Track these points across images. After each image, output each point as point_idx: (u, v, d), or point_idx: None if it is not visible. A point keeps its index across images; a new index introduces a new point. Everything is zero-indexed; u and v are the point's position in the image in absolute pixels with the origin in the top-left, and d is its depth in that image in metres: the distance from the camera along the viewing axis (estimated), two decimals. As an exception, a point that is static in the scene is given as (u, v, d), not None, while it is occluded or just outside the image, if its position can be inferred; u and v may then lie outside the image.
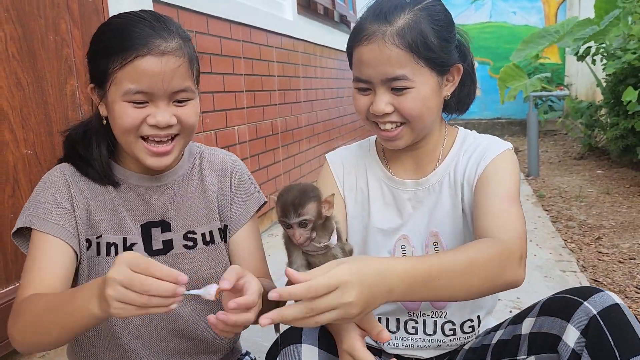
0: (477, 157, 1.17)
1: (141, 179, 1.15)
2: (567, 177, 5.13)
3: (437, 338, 1.22)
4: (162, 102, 1.03)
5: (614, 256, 2.86)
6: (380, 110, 1.10)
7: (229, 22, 3.05)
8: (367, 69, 1.08)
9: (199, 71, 1.12)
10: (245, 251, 1.22)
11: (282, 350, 1.00)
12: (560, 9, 9.14)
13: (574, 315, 0.98)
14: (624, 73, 4.65)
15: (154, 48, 1.00)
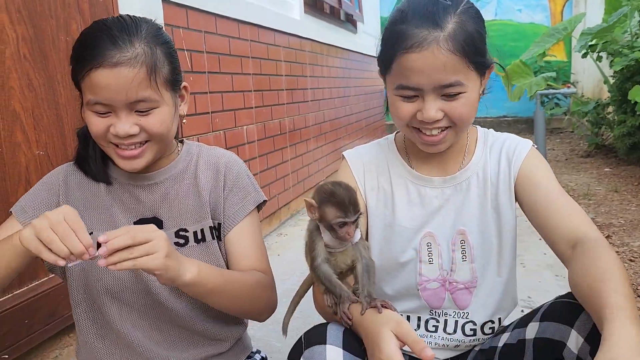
0: (508, 156, 1.19)
1: (132, 177, 1.17)
2: (574, 175, 5.11)
3: (457, 337, 1.22)
4: (122, 113, 1.05)
5: (625, 255, 2.84)
6: (432, 117, 1.07)
7: (237, 21, 3.05)
8: (418, 76, 1.04)
9: (173, 74, 1.10)
10: (241, 249, 1.21)
11: (305, 350, 1.00)
12: (566, 6, 9.10)
13: (577, 321, 0.97)
14: (631, 70, 4.63)
15: (106, 59, 1.00)
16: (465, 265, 1.19)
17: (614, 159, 5.57)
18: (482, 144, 1.23)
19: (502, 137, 1.24)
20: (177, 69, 1.12)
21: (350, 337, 1.02)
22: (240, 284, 1.14)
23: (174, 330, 1.19)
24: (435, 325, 1.22)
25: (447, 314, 1.21)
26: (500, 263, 1.20)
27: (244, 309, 1.19)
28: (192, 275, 1.01)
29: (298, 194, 4.08)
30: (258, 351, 1.39)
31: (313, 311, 2.32)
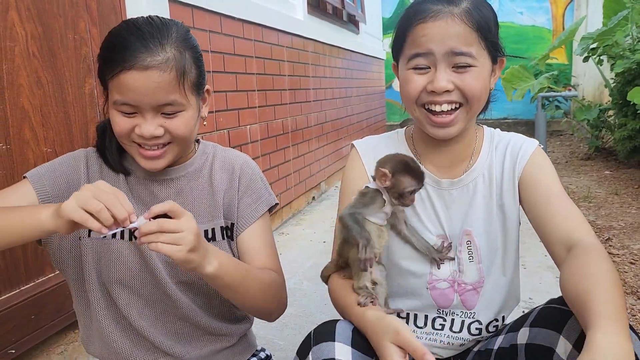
0: (513, 155, 1.20)
1: (149, 172, 1.18)
2: (574, 177, 5.13)
3: (462, 336, 1.23)
4: (149, 114, 1.06)
5: (625, 257, 2.86)
6: (442, 87, 1.08)
7: (241, 21, 3.06)
8: (431, 42, 1.07)
9: (199, 78, 1.12)
10: (253, 249, 1.23)
11: (314, 347, 1.00)
12: (567, 9, 9.13)
13: (565, 327, 0.98)
14: (632, 74, 4.65)
15: (137, 62, 1.01)
16: (472, 266, 1.20)
17: (614, 162, 5.59)
18: (488, 143, 1.24)
19: (507, 136, 1.26)
20: (202, 73, 1.13)
21: (359, 335, 1.03)
22: (256, 281, 1.15)
23: (178, 324, 1.21)
24: (442, 324, 1.23)
25: (455, 314, 1.22)
26: (505, 262, 1.22)
27: (257, 306, 1.20)
28: (213, 268, 1.02)
29: (300, 193, 4.09)
30: (263, 349, 1.41)
31: (316, 309, 2.35)
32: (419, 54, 1.09)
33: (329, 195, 4.76)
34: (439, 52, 1.07)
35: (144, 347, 1.20)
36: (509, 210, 1.20)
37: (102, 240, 1.16)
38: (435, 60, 1.08)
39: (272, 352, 1.56)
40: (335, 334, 1.00)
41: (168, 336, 1.20)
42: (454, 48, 1.07)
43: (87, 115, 1.90)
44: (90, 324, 1.22)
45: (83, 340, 1.26)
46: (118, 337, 1.19)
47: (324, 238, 3.41)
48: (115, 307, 1.19)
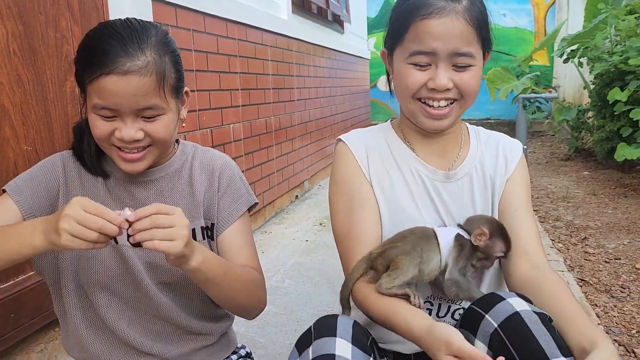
0: (505, 154, 1.25)
1: (128, 173, 1.18)
2: (554, 177, 5.21)
3: (446, 320, 1.24)
4: (129, 118, 1.06)
5: (600, 256, 2.93)
6: (443, 85, 1.10)
7: (225, 20, 3.07)
8: (435, 41, 1.08)
9: (178, 82, 1.12)
10: (233, 248, 1.24)
11: (315, 340, 1.00)
12: (549, 11, 9.25)
13: (479, 329, 1.00)
14: (610, 76, 4.74)
15: (117, 67, 1.01)
16: None
17: (593, 163, 5.69)
18: (475, 138, 1.29)
19: (494, 134, 1.30)
20: (182, 76, 1.14)
21: (359, 332, 1.03)
22: (238, 278, 1.17)
23: (159, 324, 1.22)
24: (429, 308, 1.24)
25: (442, 299, 1.23)
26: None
27: (238, 303, 1.21)
28: (197, 262, 1.03)
29: (283, 192, 4.11)
30: (243, 346, 1.42)
31: (297, 308, 2.37)
32: (422, 52, 1.10)
33: (312, 194, 4.78)
34: (442, 51, 1.09)
35: (122, 349, 1.20)
36: (497, 204, 1.24)
37: None
38: (438, 59, 1.10)
39: (253, 349, 1.57)
40: (336, 329, 1.00)
41: (148, 336, 1.21)
42: (457, 49, 1.09)
43: (69, 113, 1.90)
44: (67, 328, 1.22)
45: (63, 342, 1.26)
46: (95, 341, 1.19)
47: (307, 237, 3.44)
48: (92, 311, 1.19)
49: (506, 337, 0.95)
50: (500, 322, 0.97)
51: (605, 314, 2.24)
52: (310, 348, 0.99)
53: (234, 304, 1.21)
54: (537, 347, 0.92)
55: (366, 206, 1.21)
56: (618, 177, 4.87)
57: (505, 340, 0.95)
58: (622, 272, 2.69)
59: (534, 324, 0.95)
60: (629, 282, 2.56)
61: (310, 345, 1.00)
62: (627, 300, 2.36)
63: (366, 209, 1.21)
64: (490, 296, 1.04)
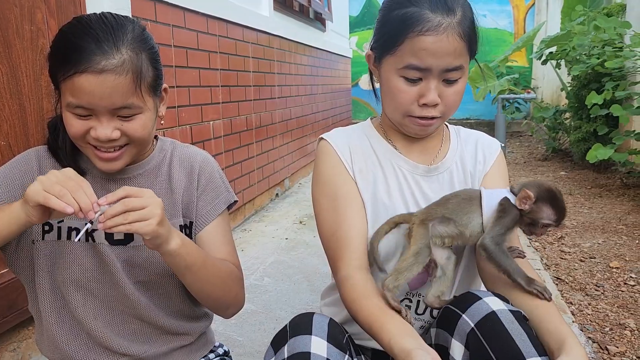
0: (484, 151, 1.28)
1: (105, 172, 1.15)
2: (532, 177, 5.28)
3: (424, 318, 1.25)
4: (104, 117, 1.03)
5: (576, 255, 2.98)
6: (434, 101, 1.11)
7: (206, 16, 3.04)
8: (431, 58, 1.08)
9: (156, 79, 1.10)
10: (212, 246, 1.22)
11: (290, 339, 1.00)
12: (528, 13, 9.37)
13: (455, 329, 1.01)
14: (587, 78, 4.82)
15: (91, 65, 0.98)
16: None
17: (569, 163, 5.78)
18: (455, 136, 1.31)
19: (474, 132, 1.33)
20: (160, 73, 1.11)
21: (335, 329, 1.03)
22: (216, 269, 1.16)
23: (136, 324, 1.20)
24: (408, 305, 1.24)
25: (420, 295, 1.23)
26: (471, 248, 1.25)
27: (216, 296, 1.19)
28: (177, 244, 1.02)
29: (263, 190, 4.09)
30: (221, 345, 1.41)
31: (276, 306, 2.37)
32: (417, 67, 1.10)
33: (292, 192, 4.77)
34: (436, 67, 1.09)
35: (97, 350, 1.18)
36: None
37: (57, 243, 1.13)
38: (430, 74, 1.11)
39: (231, 348, 1.57)
40: (312, 328, 1.00)
41: (125, 337, 1.19)
42: (449, 65, 1.09)
43: (44, 108, 1.86)
44: (41, 328, 1.20)
45: (37, 341, 1.24)
46: (70, 341, 1.17)
47: (286, 235, 3.43)
48: (67, 310, 1.16)
49: (482, 336, 0.96)
50: (477, 321, 0.97)
51: (579, 311, 2.28)
52: (285, 346, 0.99)
53: (212, 296, 1.19)
54: (513, 347, 0.93)
55: (352, 204, 1.21)
56: (594, 178, 4.95)
57: (482, 340, 0.96)
58: (597, 270, 2.73)
59: (510, 323, 0.96)
60: (603, 280, 2.61)
61: (285, 343, 1.00)
62: (601, 299, 2.40)
63: (352, 208, 1.20)
64: (466, 295, 1.04)
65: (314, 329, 1.00)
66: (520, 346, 0.93)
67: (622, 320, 2.18)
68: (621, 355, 1.92)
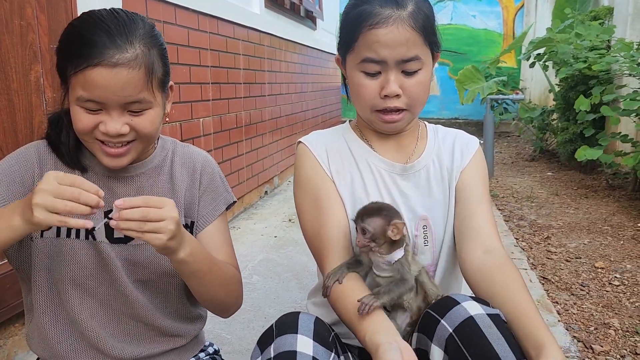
0: (462, 148, 1.29)
1: (108, 168, 1.14)
2: (519, 178, 5.33)
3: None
4: (115, 111, 1.03)
5: (562, 255, 3.01)
6: (394, 92, 1.14)
7: (197, 13, 3.03)
8: (382, 49, 1.12)
9: (165, 76, 1.10)
10: (213, 246, 1.22)
11: (277, 338, 1.00)
12: (518, 14, 9.44)
13: (434, 334, 1.01)
14: (575, 80, 4.87)
15: (105, 59, 0.98)
16: (427, 250, 1.25)
17: (556, 164, 5.85)
18: (433, 135, 1.33)
19: (452, 131, 1.35)
20: (168, 70, 1.11)
21: (321, 328, 1.04)
22: (220, 273, 1.16)
23: (131, 324, 1.19)
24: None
25: None
26: (451, 246, 1.26)
27: (218, 299, 1.20)
28: (186, 254, 1.03)
29: (252, 187, 4.09)
30: (211, 344, 1.41)
31: (265, 304, 2.37)
32: (373, 60, 1.14)
33: (281, 190, 4.77)
34: (391, 59, 1.13)
35: (87, 351, 1.17)
36: (454, 196, 1.27)
37: (56, 241, 1.12)
38: (387, 66, 1.14)
39: (220, 346, 1.57)
40: (298, 326, 1.01)
41: (118, 338, 1.18)
42: (405, 55, 1.13)
43: (33, 103, 1.85)
44: (33, 324, 1.19)
45: (27, 337, 1.23)
46: (61, 340, 1.16)
47: (275, 233, 3.43)
48: (62, 309, 1.15)
49: (461, 341, 0.97)
50: (455, 326, 0.98)
51: (565, 311, 2.31)
52: (272, 346, 1.00)
53: (213, 299, 1.20)
54: (491, 351, 0.94)
55: (333, 204, 1.23)
56: (580, 179, 5.01)
57: (460, 345, 0.96)
58: (582, 270, 2.77)
59: (487, 327, 0.96)
60: (589, 280, 2.64)
61: (272, 343, 1.01)
62: (587, 298, 2.44)
63: (333, 207, 1.23)
64: (445, 300, 1.05)
65: (300, 327, 1.01)
66: (498, 351, 0.93)
67: (607, 319, 2.22)
68: (605, 354, 1.95)
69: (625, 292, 2.50)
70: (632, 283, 2.60)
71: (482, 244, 1.17)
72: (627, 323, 2.18)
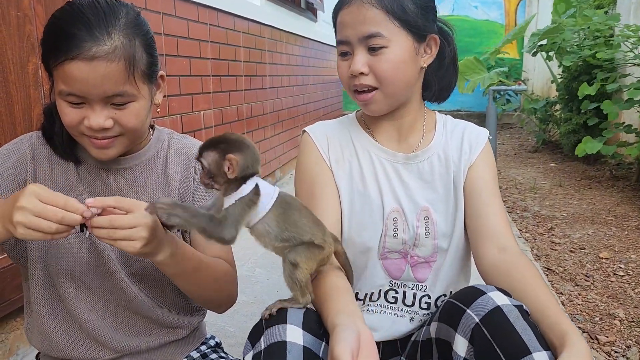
0: (470, 141, 1.27)
1: (101, 160, 1.13)
2: (522, 169, 5.31)
3: (414, 310, 1.26)
4: (97, 105, 1.01)
5: (566, 246, 3.00)
6: (357, 70, 1.15)
7: (196, 4, 3.00)
8: (346, 29, 1.16)
9: (151, 66, 1.06)
10: (204, 241, 1.20)
11: (266, 330, 1.00)
12: (520, 5, 9.38)
13: (459, 324, 1.01)
14: (578, 70, 4.83)
15: (82, 52, 0.95)
16: (428, 241, 1.23)
17: (559, 155, 5.82)
18: (442, 126, 1.31)
19: (462, 123, 1.33)
20: (155, 60, 1.08)
21: (310, 318, 1.03)
22: (210, 271, 1.15)
23: (130, 317, 1.18)
24: (394, 296, 1.26)
25: (406, 286, 1.25)
26: (459, 240, 1.25)
27: (207, 296, 1.19)
28: (164, 256, 1.01)
29: (254, 181, 4.07)
30: (212, 337, 1.39)
31: (267, 297, 2.36)
32: (341, 41, 1.19)
33: (283, 183, 4.76)
34: (352, 37, 1.16)
35: (87, 343, 1.16)
36: (461, 191, 1.25)
37: None
38: (353, 46, 1.17)
39: (223, 339, 1.56)
40: (286, 317, 1.00)
41: (118, 330, 1.17)
42: (364, 32, 1.14)
43: (31, 95, 1.83)
44: (31, 319, 1.18)
45: (26, 331, 1.22)
46: (60, 333, 1.15)
47: (278, 226, 3.41)
48: (60, 302, 1.14)
49: (488, 331, 0.96)
50: (482, 316, 0.97)
51: (570, 302, 2.29)
52: (262, 338, 0.99)
53: (203, 297, 1.19)
54: (519, 341, 0.93)
55: (326, 192, 1.26)
56: (583, 169, 4.98)
57: (487, 335, 0.95)
58: (587, 261, 2.75)
59: (515, 318, 0.96)
60: (593, 271, 2.63)
61: (262, 335, 1.00)
62: (591, 289, 2.42)
63: (326, 195, 1.25)
64: (470, 290, 1.04)
65: (289, 318, 1.00)
66: (526, 341, 0.93)
67: (612, 310, 2.20)
68: (611, 345, 1.94)
69: (630, 282, 2.49)
70: (637, 273, 2.58)
71: (497, 242, 1.17)
72: (632, 313, 2.17)
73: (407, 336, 1.29)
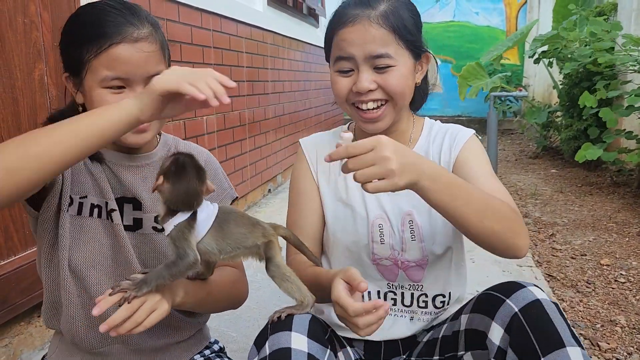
0: (450, 141, 1.28)
1: (115, 156, 1.19)
2: (523, 175, 5.32)
3: (413, 309, 1.29)
4: (139, 87, 1.07)
5: (567, 252, 3.00)
6: (365, 88, 1.16)
7: (199, 10, 3.02)
8: (351, 47, 1.16)
9: (169, 57, 1.17)
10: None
11: (271, 336, 1.01)
12: (520, 11, 9.41)
13: (497, 313, 1.04)
14: (579, 76, 4.85)
15: (127, 35, 1.04)
16: (414, 245, 1.25)
17: (560, 161, 5.82)
18: (427, 132, 1.33)
19: (446, 126, 1.35)
20: (170, 56, 1.18)
21: (315, 326, 1.05)
22: (221, 290, 1.20)
23: None
24: (393, 298, 1.29)
25: (403, 287, 1.28)
26: (447, 240, 1.27)
27: (221, 308, 1.28)
28: (180, 299, 1.08)
29: (255, 186, 4.08)
30: (216, 341, 1.41)
31: (269, 302, 2.36)
32: (342, 57, 1.19)
33: (285, 188, 4.77)
34: (359, 56, 1.16)
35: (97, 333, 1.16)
36: None
37: (76, 219, 1.15)
38: (357, 63, 1.17)
39: (225, 344, 1.56)
40: (292, 324, 1.02)
41: None
42: (372, 52, 1.15)
43: (37, 101, 1.84)
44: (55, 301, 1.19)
45: (43, 312, 1.23)
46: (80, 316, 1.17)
47: (280, 231, 3.42)
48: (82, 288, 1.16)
49: (526, 321, 1.00)
50: (522, 307, 1.01)
51: (571, 308, 2.30)
52: (266, 344, 1.01)
53: (216, 310, 1.29)
54: (555, 334, 0.97)
55: (309, 201, 1.32)
56: (584, 176, 4.99)
57: (525, 324, 0.99)
58: (588, 267, 2.76)
59: (553, 312, 1.00)
60: (594, 277, 2.63)
61: (267, 341, 1.02)
62: (592, 295, 2.43)
63: (309, 204, 1.32)
64: (510, 283, 1.09)
65: (294, 325, 1.02)
66: (562, 334, 0.97)
67: (613, 316, 2.21)
68: (612, 352, 1.94)
69: (631, 289, 2.49)
70: (638, 280, 2.58)
71: None
72: (634, 320, 2.17)
73: (409, 337, 1.31)
